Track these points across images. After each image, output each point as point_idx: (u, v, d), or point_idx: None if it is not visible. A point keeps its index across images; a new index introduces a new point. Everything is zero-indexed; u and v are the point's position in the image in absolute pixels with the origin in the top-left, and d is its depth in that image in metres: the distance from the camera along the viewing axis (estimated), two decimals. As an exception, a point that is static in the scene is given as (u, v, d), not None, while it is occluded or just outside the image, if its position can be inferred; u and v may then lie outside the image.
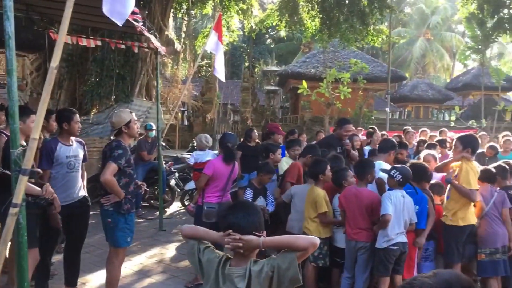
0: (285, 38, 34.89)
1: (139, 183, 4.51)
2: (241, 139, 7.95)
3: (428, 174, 4.64)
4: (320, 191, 4.53)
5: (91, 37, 7.61)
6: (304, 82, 15.47)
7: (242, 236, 1.97)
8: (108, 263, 4.17)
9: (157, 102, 8.24)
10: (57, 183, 4.16)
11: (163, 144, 11.93)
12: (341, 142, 6.08)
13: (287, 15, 15.56)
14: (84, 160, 4.54)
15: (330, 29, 14.35)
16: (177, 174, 9.51)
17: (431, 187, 4.81)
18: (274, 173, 5.27)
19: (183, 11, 15.72)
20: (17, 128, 2.85)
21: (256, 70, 34.90)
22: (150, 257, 6.01)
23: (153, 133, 8.56)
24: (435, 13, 40.11)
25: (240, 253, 2.00)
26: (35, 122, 2.95)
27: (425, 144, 6.89)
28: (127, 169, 4.08)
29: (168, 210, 9.03)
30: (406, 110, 34.48)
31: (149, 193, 8.87)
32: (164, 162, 8.81)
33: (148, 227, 7.66)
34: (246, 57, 38.40)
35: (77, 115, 4.37)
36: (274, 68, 30.03)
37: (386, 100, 22.50)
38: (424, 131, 9.14)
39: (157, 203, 8.23)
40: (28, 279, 3.09)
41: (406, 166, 4.41)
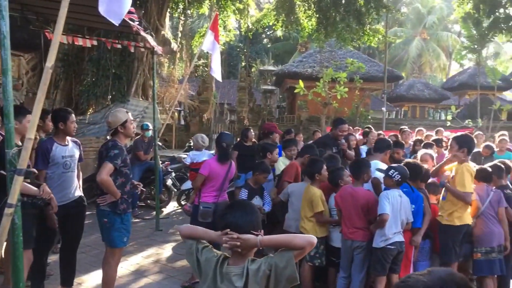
0: (282, 38, 34.90)
1: (135, 183, 4.51)
2: (238, 139, 7.95)
3: (423, 173, 4.65)
4: (316, 191, 4.54)
5: (87, 37, 7.61)
6: (301, 82, 15.49)
7: (240, 235, 1.98)
8: (104, 263, 4.16)
9: (154, 102, 8.23)
10: (53, 183, 4.15)
11: (160, 144, 11.94)
12: (337, 142, 6.09)
13: (284, 15, 15.57)
14: (80, 160, 4.52)
15: (327, 29, 14.37)
16: (174, 174, 9.51)
17: (427, 186, 4.82)
18: (270, 172, 5.26)
19: (180, 11, 15.70)
20: (12, 128, 2.84)
21: (253, 70, 34.91)
22: (147, 257, 6.00)
23: (150, 133, 8.55)
24: (431, 13, 40.21)
25: (238, 252, 2.01)
26: (31, 122, 2.94)
27: (422, 144, 6.90)
28: (123, 169, 4.08)
29: (165, 210, 9.02)
30: (403, 110, 34.54)
31: (146, 193, 8.87)
32: (161, 162, 8.80)
33: (145, 227, 7.65)
34: (243, 57, 38.33)
35: (73, 115, 4.36)
36: (271, 68, 30.06)
37: (383, 100, 22.56)
38: (420, 131, 9.16)
39: (154, 203, 8.22)
40: (24, 280, 3.09)
41: (403, 166, 4.42)
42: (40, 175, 4.06)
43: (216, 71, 8.24)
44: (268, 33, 39.86)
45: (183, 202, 8.71)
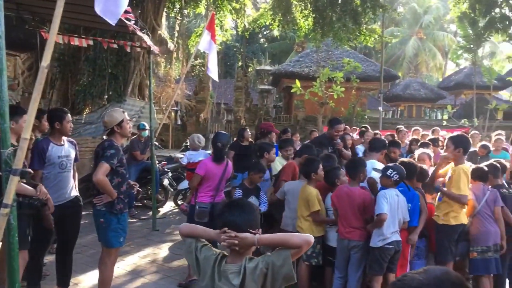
0: (278, 38, 34.85)
1: (132, 183, 4.50)
2: (234, 139, 7.94)
3: (418, 172, 4.65)
4: (313, 190, 4.54)
5: (83, 37, 7.58)
6: (298, 82, 15.50)
7: (238, 234, 1.99)
8: (101, 263, 4.15)
9: (150, 102, 8.22)
10: (49, 183, 4.14)
11: (156, 144, 11.91)
12: (333, 142, 6.10)
13: (280, 15, 15.56)
14: (76, 160, 4.51)
15: (323, 29, 14.37)
16: (171, 174, 9.49)
17: (423, 186, 4.82)
18: (265, 172, 5.25)
19: (176, 10, 15.67)
20: (7, 128, 2.83)
21: (250, 70, 34.88)
22: (143, 257, 5.99)
23: (146, 133, 8.53)
24: (428, 13, 40.29)
25: (236, 251, 2.03)
26: (26, 122, 2.93)
27: (418, 143, 6.91)
28: (120, 169, 4.07)
29: (162, 210, 9.01)
30: (399, 109, 34.63)
31: (142, 193, 8.84)
32: (157, 162, 8.78)
33: (141, 227, 7.64)
34: (240, 57, 38.36)
35: (69, 115, 4.35)
36: (268, 68, 30.04)
37: (379, 99, 22.61)
38: (417, 130, 9.18)
39: (150, 203, 8.21)
40: (19, 280, 3.08)
41: (399, 165, 4.42)
42: (36, 175, 4.04)
43: (213, 71, 8.23)
44: (265, 33, 39.84)
45: (180, 202, 8.69)
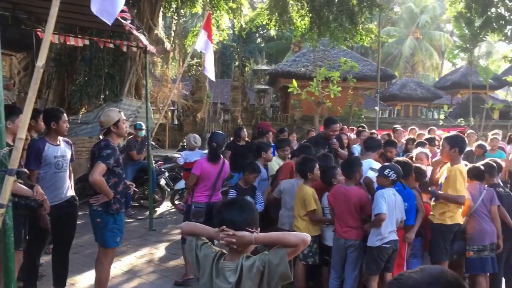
0: (275, 37, 34.92)
1: (128, 183, 4.48)
2: (231, 139, 7.94)
3: (416, 171, 4.65)
4: (309, 189, 4.54)
5: (79, 36, 7.56)
6: (294, 81, 15.54)
7: (236, 232, 2.00)
8: (97, 263, 4.14)
9: (147, 102, 8.20)
10: (45, 184, 4.13)
11: (153, 144, 11.89)
12: (328, 142, 6.11)
13: (277, 14, 15.58)
14: (71, 160, 4.50)
15: (320, 28, 14.40)
16: (167, 174, 9.49)
17: (420, 185, 4.83)
18: (260, 172, 5.23)
19: (173, 10, 15.67)
20: (2, 128, 2.82)
21: (246, 69, 34.90)
22: (140, 257, 5.98)
23: (143, 133, 8.52)
24: (424, 12, 40.40)
25: (234, 249, 2.05)
26: (22, 122, 2.92)
27: (414, 143, 6.93)
28: (116, 169, 4.06)
29: (158, 210, 8.99)
30: (396, 109, 34.69)
31: (139, 193, 8.83)
32: (154, 162, 8.77)
33: (138, 227, 7.63)
34: (236, 56, 38.29)
35: (65, 115, 4.34)
36: (264, 67, 30.04)
37: (376, 99, 22.63)
38: (413, 130, 9.20)
39: (147, 203, 8.19)
40: (15, 280, 3.07)
41: (395, 164, 4.43)
42: (33, 175, 4.03)
43: (210, 71, 8.22)
44: (262, 33, 39.85)
45: (177, 202, 8.69)
